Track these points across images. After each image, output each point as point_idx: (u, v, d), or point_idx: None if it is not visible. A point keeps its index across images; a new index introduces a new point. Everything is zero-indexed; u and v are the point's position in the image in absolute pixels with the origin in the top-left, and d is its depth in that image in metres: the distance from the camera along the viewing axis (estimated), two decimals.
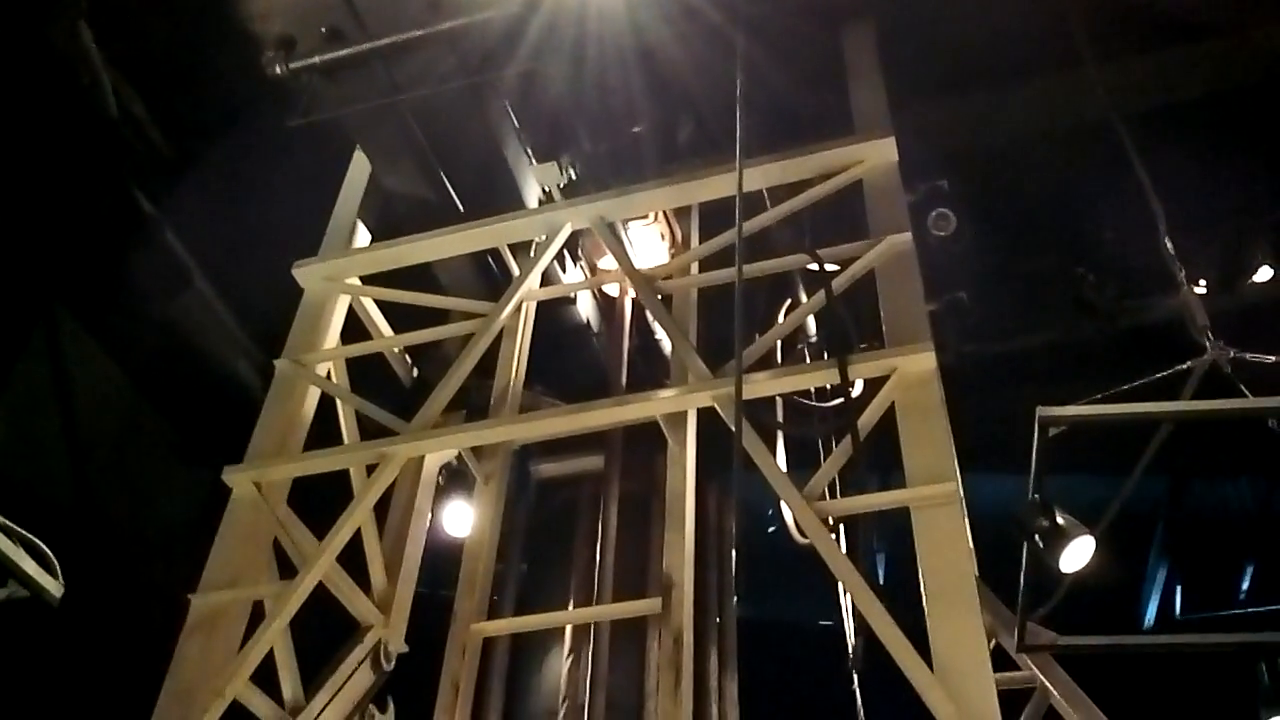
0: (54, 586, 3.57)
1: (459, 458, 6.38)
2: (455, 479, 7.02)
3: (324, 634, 5.36)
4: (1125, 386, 4.86)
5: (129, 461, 6.57)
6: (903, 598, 4.07)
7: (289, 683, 5.08)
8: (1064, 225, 8.32)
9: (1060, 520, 4.37)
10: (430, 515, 6.23)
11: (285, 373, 5.86)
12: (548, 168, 6.57)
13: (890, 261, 5.11)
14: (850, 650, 5.91)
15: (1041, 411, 3.93)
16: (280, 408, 5.71)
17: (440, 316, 6.33)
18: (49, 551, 3.59)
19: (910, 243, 5.14)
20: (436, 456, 6.10)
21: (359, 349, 6.14)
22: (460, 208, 6.40)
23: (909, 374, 4.63)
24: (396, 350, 6.56)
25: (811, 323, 7.33)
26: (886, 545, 9.85)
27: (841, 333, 5.14)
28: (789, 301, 7.37)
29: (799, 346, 7.24)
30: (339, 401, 5.91)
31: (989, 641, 4.45)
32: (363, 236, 6.64)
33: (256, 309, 7.31)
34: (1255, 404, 4.18)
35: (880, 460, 4.81)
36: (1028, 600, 4.43)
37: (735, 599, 5.67)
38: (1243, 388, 4.89)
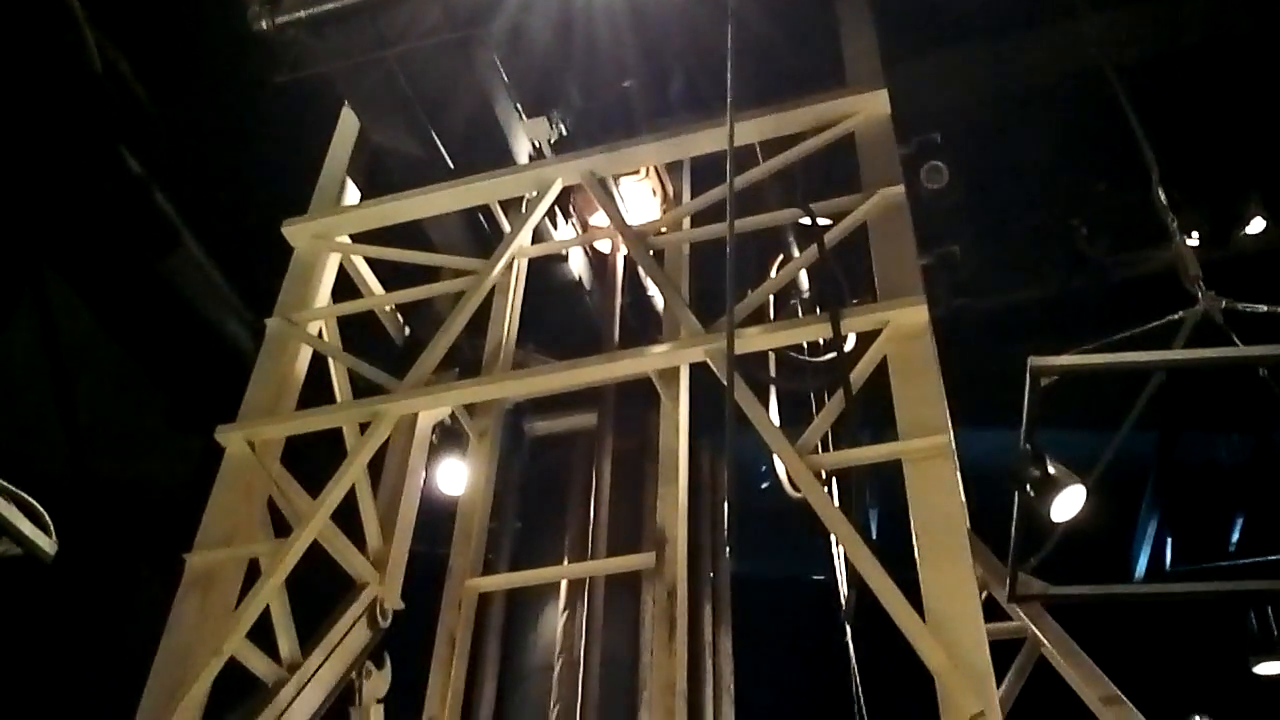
0: (48, 544, 3.57)
1: (452, 416, 6.39)
2: (449, 437, 7.04)
3: (320, 593, 5.39)
4: (1117, 336, 4.86)
5: (120, 422, 6.56)
6: (895, 553, 4.09)
7: (286, 640, 5.11)
8: (1057, 178, 8.29)
9: (1052, 470, 4.39)
10: (424, 473, 6.24)
11: (276, 331, 5.84)
12: (538, 123, 6.52)
13: (882, 215, 5.09)
14: (843, 602, 5.95)
15: (1033, 361, 3.93)
16: (272, 366, 5.70)
17: (431, 274, 6.31)
18: (42, 510, 3.59)
19: (903, 196, 5.12)
20: (430, 415, 6.10)
21: (350, 307, 6.12)
22: (450, 164, 6.35)
23: (901, 327, 4.62)
24: (388, 309, 6.54)
25: (804, 278, 7.32)
26: (879, 501, 9.90)
27: (834, 287, 5.13)
28: (781, 257, 7.35)
29: (791, 302, 7.23)
30: (331, 360, 5.90)
31: (980, 592, 4.49)
32: (352, 194, 6.59)
33: (246, 268, 7.28)
34: (1246, 352, 4.18)
35: (873, 416, 4.81)
36: (1019, 551, 4.45)
37: (728, 550, 5.69)
38: (1234, 337, 4.89)
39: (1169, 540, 11.01)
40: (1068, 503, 4.77)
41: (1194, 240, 6.46)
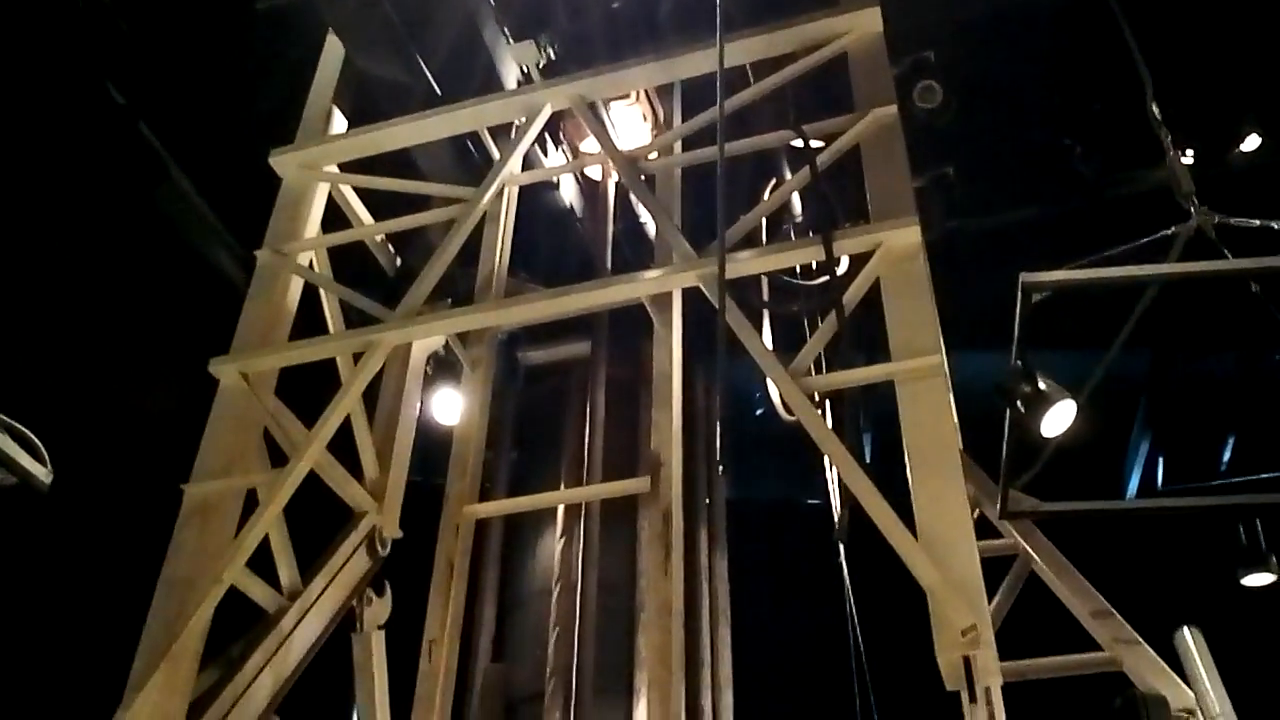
0: (43, 473, 3.59)
1: (446, 346, 6.39)
2: (443, 368, 7.05)
3: (318, 524, 5.43)
4: (1109, 252, 4.84)
5: (114, 356, 6.55)
6: (889, 476, 4.12)
7: (286, 569, 5.16)
8: (1051, 97, 8.20)
9: (1042, 385, 4.40)
10: (419, 404, 6.26)
11: (267, 263, 5.81)
12: (525, 47, 6.43)
13: (875, 135, 5.04)
14: (836, 521, 6.01)
15: (1025, 276, 3.92)
16: (264, 298, 5.68)
17: (422, 205, 6.26)
18: (36, 440, 3.60)
19: (896, 116, 5.07)
20: (423, 344, 6.10)
21: (340, 237, 6.08)
22: (437, 91, 6.27)
23: (894, 249, 4.61)
24: (379, 239, 6.49)
25: (797, 201, 7.27)
26: (873, 426, 9.96)
27: (826, 209, 5.10)
28: (774, 180, 7.29)
29: (784, 226, 7.20)
30: (323, 291, 5.88)
31: (972, 511, 4.53)
32: (339, 123, 6.50)
33: (235, 200, 7.22)
34: (1237, 265, 4.17)
35: (866, 340, 4.82)
36: (1010, 468, 4.48)
37: (720, 468, 5.72)
38: (1226, 252, 4.88)
39: (1161, 460, 11.10)
40: (1058, 418, 4.78)
41: (1188, 158, 6.41)
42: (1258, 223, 5.04)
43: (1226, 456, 11.14)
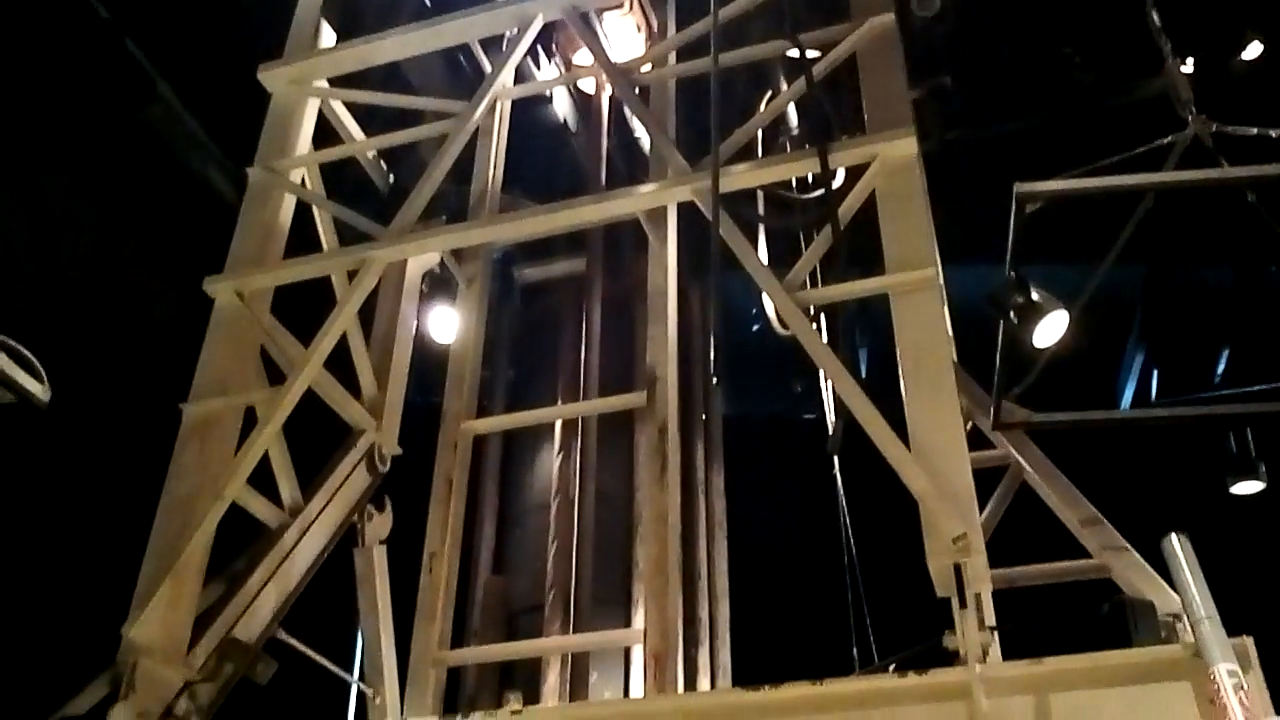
0: (40, 390, 3.61)
1: (441, 264, 6.38)
2: (439, 286, 7.03)
3: (318, 444, 5.48)
4: (1104, 162, 4.81)
5: (107, 275, 6.54)
6: (883, 391, 4.14)
7: (287, 485, 5.21)
8: (1051, 5, 8.05)
9: (1035, 296, 4.40)
10: (415, 322, 6.27)
11: (259, 180, 5.77)
12: None
13: (872, 45, 4.97)
14: (830, 432, 6.06)
15: (1019, 187, 3.89)
16: (257, 216, 5.66)
17: (413, 121, 6.20)
18: (33, 357, 3.61)
19: (893, 24, 4.99)
20: (418, 262, 6.09)
21: (332, 153, 6.04)
22: (427, 3, 6.16)
23: (890, 160, 4.57)
24: (371, 155, 6.44)
25: (793, 114, 7.19)
26: (867, 341, 9.98)
27: (822, 121, 5.05)
28: (770, 92, 7.20)
29: (780, 139, 7.12)
30: (315, 209, 5.84)
31: (965, 423, 4.56)
32: (329, 38, 6.41)
33: (225, 117, 7.13)
34: (1234, 173, 4.14)
35: (862, 257, 4.81)
36: (1003, 380, 4.50)
37: (715, 381, 5.75)
38: (1223, 161, 4.84)
39: (1155, 373, 11.15)
40: (1051, 329, 4.79)
41: (1188, 67, 6.32)
42: (1255, 131, 4.99)
43: (1221, 369, 11.18)
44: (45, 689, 4.38)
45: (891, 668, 3.54)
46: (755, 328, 9.52)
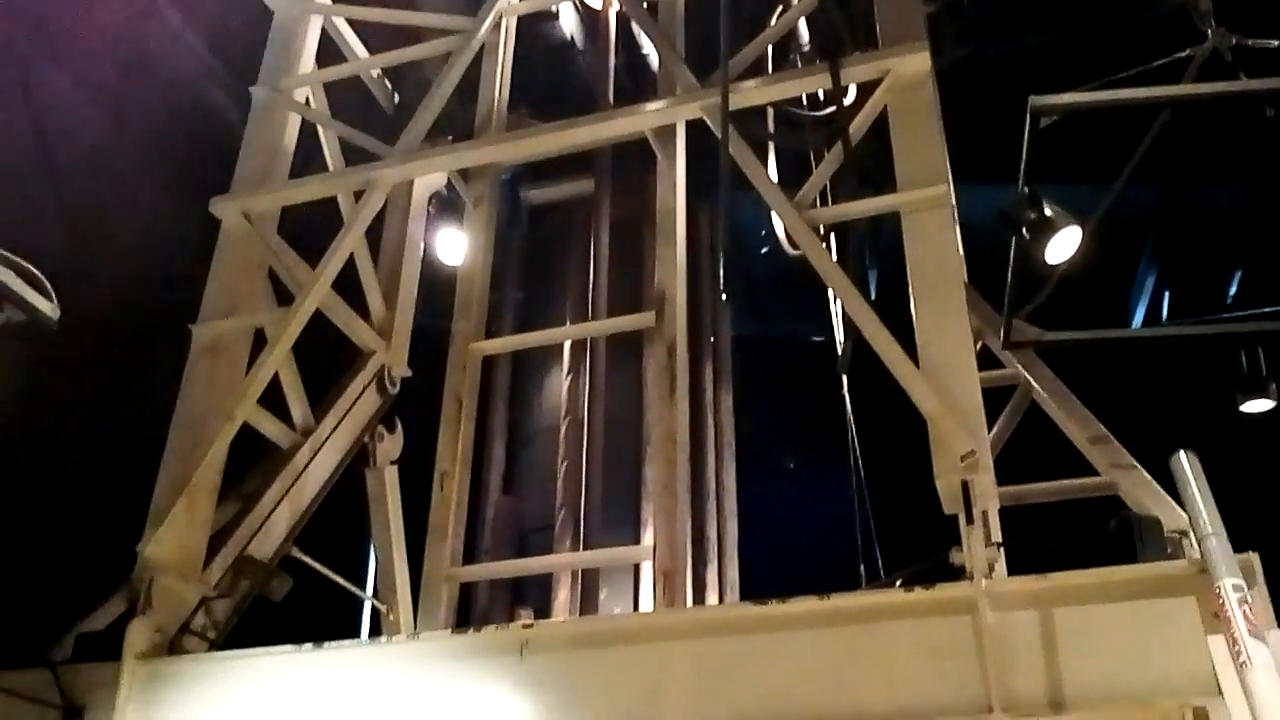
0: (49, 309, 3.61)
1: (448, 185, 6.33)
2: (446, 208, 6.98)
3: (328, 369, 5.49)
4: (1120, 75, 4.71)
5: (112, 198, 6.50)
6: (893, 314, 4.12)
7: (298, 406, 5.24)
8: None
9: (1048, 211, 4.35)
10: (423, 243, 6.24)
11: (263, 100, 5.72)
12: None
13: None
14: (840, 352, 6.05)
15: (1034, 100, 3.82)
16: (262, 136, 5.62)
17: (418, 38, 6.10)
18: (41, 276, 3.61)
19: None
20: (425, 182, 6.05)
21: (336, 72, 5.98)
22: None
23: (902, 76, 4.51)
24: (375, 74, 6.36)
25: (804, 29, 7.05)
26: (878, 266, 9.90)
27: (834, 35, 4.95)
28: (780, 6, 7.06)
29: (791, 55, 6.99)
30: (321, 129, 5.79)
31: (975, 343, 4.55)
32: None
33: (227, 36, 7.02)
34: (1251, 85, 4.04)
35: (873, 179, 4.75)
36: (1014, 298, 4.45)
37: (724, 296, 5.73)
38: (1242, 75, 4.74)
39: (1166, 293, 11.06)
40: (1063, 245, 4.72)
41: None
42: (1276, 44, 4.88)
43: (1233, 290, 11.08)
44: (63, 606, 4.45)
45: (898, 583, 3.56)
46: (764, 250, 9.45)
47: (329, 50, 6.08)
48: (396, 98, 6.66)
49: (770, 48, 5.88)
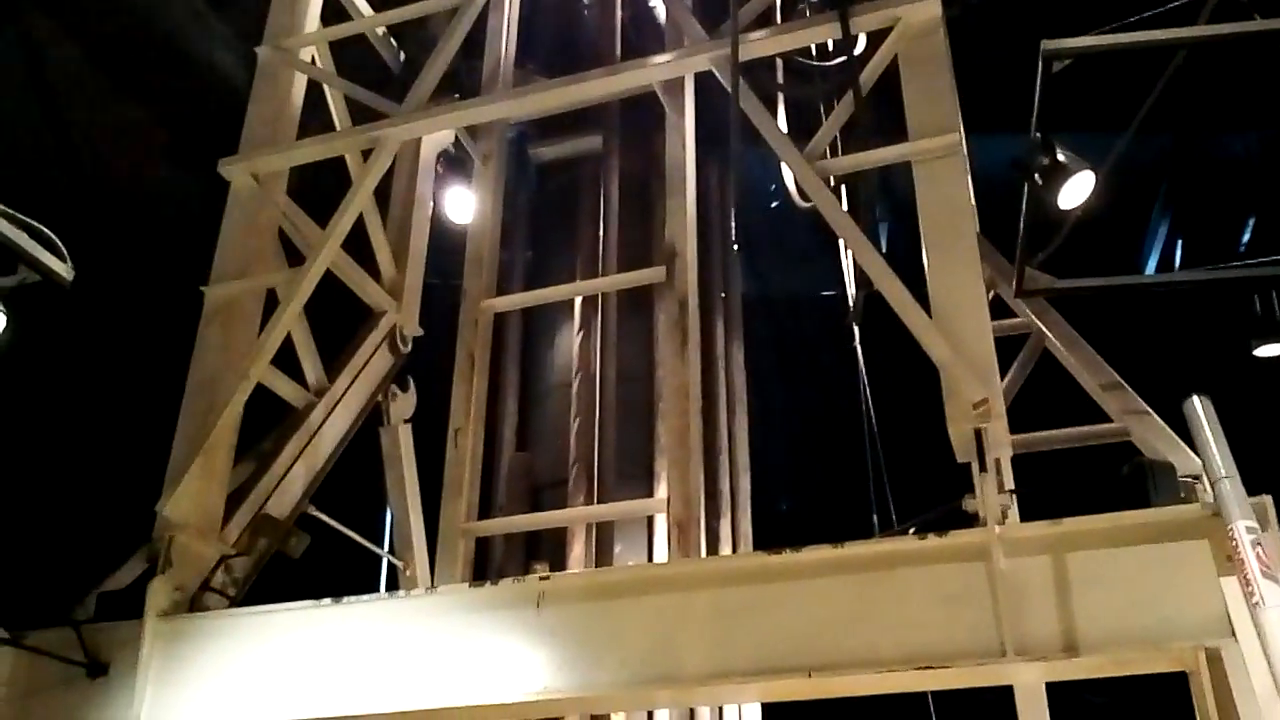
0: (64, 270, 3.63)
1: (456, 143, 6.31)
2: (454, 166, 6.96)
3: (340, 329, 5.50)
4: (1132, 19, 4.65)
5: (120, 161, 6.50)
6: (905, 265, 4.10)
7: (310, 366, 5.27)
8: None
9: (1061, 157, 4.31)
10: (432, 202, 6.23)
11: (268, 60, 5.69)
12: None
13: None
14: (851, 305, 6.04)
15: (1046, 44, 3.78)
16: (268, 96, 5.59)
17: None
18: (55, 237, 3.63)
19: None
20: (432, 140, 6.03)
21: (341, 30, 5.93)
22: None
23: (913, 24, 4.47)
24: (380, 33, 6.32)
25: None
26: (890, 219, 9.86)
27: None
28: None
29: (800, 5, 6.93)
30: (327, 88, 5.77)
31: (988, 292, 4.54)
32: None
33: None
34: (1266, 25, 3.98)
35: (884, 129, 4.71)
36: (1027, 246, 4.44)
37: (735, 248, 5.73)
38: (1257, 16, 4.67)
39: (1179, 242, 11.00)
40: (1076, 190, 4.68)
41: None
42: None
43: (1246, 238, 11.02)
44: (86, 567, 4.51)
45: (911, 531, 3.58)
46: (774, 205, 9.41)
47: (333, 9, 6.03)
48: (402, 56, 6.62)
49: None
